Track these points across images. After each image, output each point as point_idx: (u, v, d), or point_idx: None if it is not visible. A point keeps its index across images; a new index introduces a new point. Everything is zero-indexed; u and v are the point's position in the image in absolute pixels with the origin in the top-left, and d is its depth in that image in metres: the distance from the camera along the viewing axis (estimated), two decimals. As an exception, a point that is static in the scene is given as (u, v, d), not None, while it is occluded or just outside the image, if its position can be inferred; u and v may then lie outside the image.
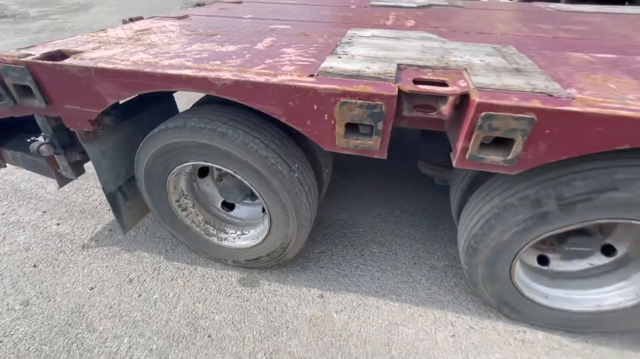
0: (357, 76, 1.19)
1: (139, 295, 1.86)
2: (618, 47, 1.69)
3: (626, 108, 0.99)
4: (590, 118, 0.99)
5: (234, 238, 1.92)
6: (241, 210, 2.01)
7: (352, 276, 1.96)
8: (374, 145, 1.19)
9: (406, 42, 1.62)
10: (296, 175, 1.52)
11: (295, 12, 2.56)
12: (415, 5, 2.88)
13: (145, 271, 2.00)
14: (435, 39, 1.68)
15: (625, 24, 2.30)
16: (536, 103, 1.01)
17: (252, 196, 1.91)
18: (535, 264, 1.70)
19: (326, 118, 1.19)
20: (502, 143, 1.11)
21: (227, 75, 1.23)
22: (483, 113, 1.03)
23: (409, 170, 2.72)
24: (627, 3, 7.60)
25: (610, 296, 1.50)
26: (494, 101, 1.03)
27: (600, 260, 1.60)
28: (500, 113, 1.02)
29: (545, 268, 1.69)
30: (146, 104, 1.87)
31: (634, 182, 1.11)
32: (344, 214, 2.42)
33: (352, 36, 1.72)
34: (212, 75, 1.24)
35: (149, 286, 1.91)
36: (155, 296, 1.85)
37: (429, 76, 1.23)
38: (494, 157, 1.11)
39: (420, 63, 1.33)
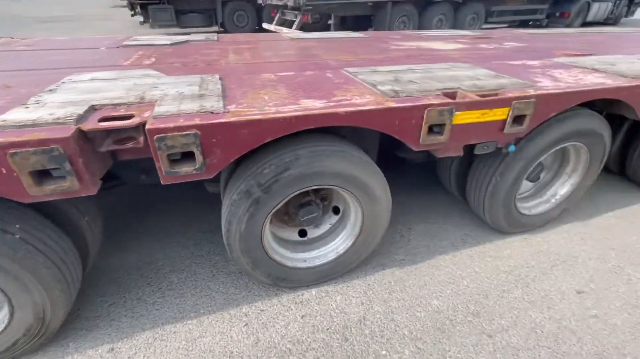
0: (32, 125, 1.21)
1: None
2: (302, 65, 2.31)
3: (260, 113, 1.39)
4: (236, 125, 1.33)
5: (-29, 334, 1.57)
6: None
7: (149, 314, 1.92)
8: (72, 186, 1.23)
9: (121, 82, 1.73)
10: (18, 236, 1.39)
11: (18, 59, 2.31)
12: (169, 42, 3.08)
13: None
14: (153, 76, 1.87)
15: (331, 46, 3.15)
16: (196, 121, 1.29)
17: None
18: (298, 238, 2.12)
19: (5, 171, 1.16)
20: (189, 156, 1.35)
21: None
22: (156, 136, 1.24)
23: (200, 192, 2.86)
24: (372, 28, 10.21)
25: (341, 242, 2.03)
26: (162, 125, 1.25)
27: (334, 219, 2.14)
28: (170, 134, 1.25)
29: (305, 238, 2.13)
30: None
31: (296, 161, 1.56)
32: (141, 254, 2.33)
33: (64, 82, 1.71)
34: None
35: None
36: None
37: (120, 112, 1.37)
38: (186, 169, 1.35)
39: (118, 101, 1.46)
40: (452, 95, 1.71)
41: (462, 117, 1.66)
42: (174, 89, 1.62)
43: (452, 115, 1.62)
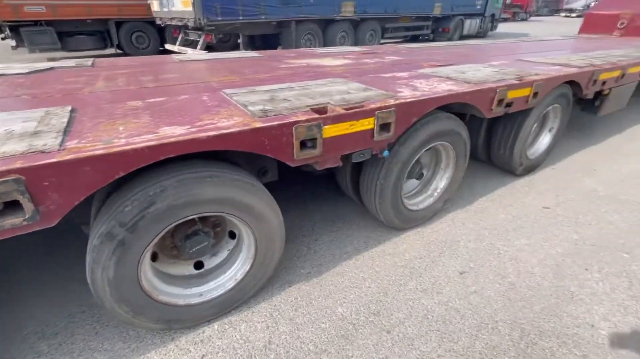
0: None
1: None
2: (180, 89, 2.22)
3: (104, 147, 1.26)
4: (72, 164, 1.19)
5: None
6: None
7: (5, 399, 1.57)
8: None
9: None
10: None
11: None
12: (26, 71, 2.68)
13: None
14: (-20, 113, 1.58)
15: (220, 67, 3.09)
16: (17, 164, 1.11)
17: None
18: (194, 271, 1.98)
19: None
20: (16, 205, 1.16)
21: None
22: (-42, 189, 1.03)
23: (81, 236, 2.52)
24: (280, 46, 10.41)
25: (239, 267, 1.95)
26: (-34, 174, 1.05)
27: (232, 244, 2.05)
28: (-22, 184, 1.05)
29: (202, 270, 1.99)
30: None
31: (162, 193, 1.45)
32: (27, 325, 1.92)
33: None
34: None
35: None
36: None
37: None
38: (13, 221, 1.14)
39: None
40: (321, 110, 1.80)
41: (332, 130, 1.76)
42: (1, 128, 1.39)
43: (321, 129, 1.70)
